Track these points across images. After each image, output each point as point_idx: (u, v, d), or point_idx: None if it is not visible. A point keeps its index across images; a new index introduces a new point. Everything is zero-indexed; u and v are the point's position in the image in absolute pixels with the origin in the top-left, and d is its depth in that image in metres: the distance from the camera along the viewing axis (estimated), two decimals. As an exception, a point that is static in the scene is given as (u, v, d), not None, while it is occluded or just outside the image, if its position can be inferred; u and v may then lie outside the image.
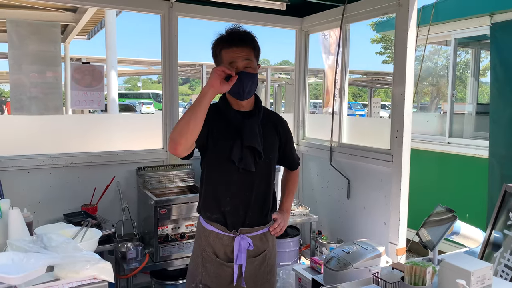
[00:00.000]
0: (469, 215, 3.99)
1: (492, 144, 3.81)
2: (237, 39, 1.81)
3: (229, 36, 1.83)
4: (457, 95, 4.95)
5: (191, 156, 1.86)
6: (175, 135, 1.70)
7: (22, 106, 3.08)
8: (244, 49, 1.80)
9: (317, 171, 3.91)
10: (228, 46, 1.80)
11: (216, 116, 1.89)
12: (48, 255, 1.51)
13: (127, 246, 2.92)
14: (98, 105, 3.39)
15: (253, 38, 1.85)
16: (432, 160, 4.67)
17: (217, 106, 1.93)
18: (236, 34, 1.83)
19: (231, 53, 1.80)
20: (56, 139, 3.45)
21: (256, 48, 1.86)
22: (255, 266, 1.94)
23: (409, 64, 2.88)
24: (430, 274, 1.59)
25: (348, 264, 2.33)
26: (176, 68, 3.42)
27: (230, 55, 1.80)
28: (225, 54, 1.81)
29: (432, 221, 2.35)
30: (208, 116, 1.80)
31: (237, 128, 1.86)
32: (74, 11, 6.12)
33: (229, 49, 1.80)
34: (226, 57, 1.81)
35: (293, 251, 3.52)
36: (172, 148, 1.73)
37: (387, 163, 3.04)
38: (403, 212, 2.96)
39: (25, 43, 3.04)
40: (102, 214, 3.13)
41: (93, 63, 3.49)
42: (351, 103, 26.78)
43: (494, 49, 3.82)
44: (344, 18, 3.44)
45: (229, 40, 1.81)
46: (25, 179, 3.00)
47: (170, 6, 3.31)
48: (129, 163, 3.32)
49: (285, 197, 2.18)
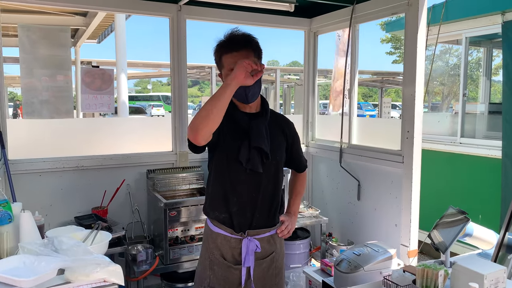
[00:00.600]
0: (482, 216, 3.94)
1: (505, 144, 3.75)
2: (237, 43, 1.79)
3: (227, 41, 1.81)
4: (469, 95, 4.89)
5: (203, 150, 1.82)
6: (196, 123, 1.65)
7: (33, 110, 3.11)
8: (244, 52, 1.78)
9: (327, 173, 3.89)
10: (228, 51, 1.79)
11: (225, 116, 1.89)
12: (59, 258, 1.52)
13: (137, 248, 2.93)
14: (108, 108, 3.41)
15: (252, 40, 1.83)
16: (443, 161, 4.62)
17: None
18: (234, 38, 1.81)
19: (231, 59, 1.78)
20: (67, 143, 3.48)
21: (256, 49, 1.84)
22: (263, 269, 1.93)
23: (419, 65, 2.85)
24: (442, 277, 1.57)
25: (359, 266, 2.32)
26: (185, 70, 3.44)
27: (230, 60, 1.78)
28: (226, 60, 1.80)
29: (444, 223, 2.32)
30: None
31: (244, 130, 1.85)
32: (84, 15, 6.18)
33: (228, 54, 1.79)
34: (226, 63, 1.80)
35: (303, 253, 3.51)
36: (192, 135, 1.67)
37: (398, 164, 3.01)
38: (415, 213, 2.92)
39: (36, 47, 3.07)
40: (112, 216, 3.15)
41: (103, 67, 3.52)
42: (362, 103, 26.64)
43: (507, 47, 3.76)
44: (353, 18, 3.42)
45: (228, 45, 1.80)
46: (37, 182, 3.03)
47: (178, 9, 3.32)
48: (139, 166, 3.34)
49: (293, 200, 2.16)
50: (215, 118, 1.64)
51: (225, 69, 1.82)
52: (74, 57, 8.95)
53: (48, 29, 3.18)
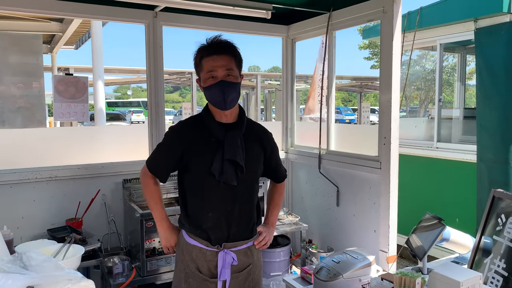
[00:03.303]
0: (459, 220, 3.99)
1: (479, 148, 3.82)
2: (218, 47, 1.80)
3: (209, 45, 1.82)
4: (444, 99, 4.97)
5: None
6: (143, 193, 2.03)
7: (4, 119, 3.02)
8: (225, 57, 1.79)
9: (306, 179, 3.89)
10: (209, 55, 1.79)
11: (197, 128, 1.87)
12: (27, 275, 1.46)
13: (113, 260, 2.86)
14: (82, 116, 3.33)
15: (233, 47, 1.84)
16: (421, 165, 4.68)
17: (200, 117, 1.91)
18: (216, 43, 1.82)
19: (211, 62, 1.78)
20: (40, 153, 3.38)
21: (237, 57, 1.84)
22: (239, 282, 1.90)
23: (395, 71, 2.88)
24: (419, 285, 1.57)
25: (338, 274, 2.30)
26: (162, 77, 3.39)
27: (210, 63, 1.78)
28: (205, 63, 1.79)
29: (421, 229, 2.33)
30: (183, 136, 1.84)
31: (218, 141, 1.82)
32: (60, 21, 6.06)
33: (209, 57, 1.79)
34: (206, 66, 1.79)
35: (283, 260, 3.49)
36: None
37: (375, 170, 3.03)
38: (393, 219, 2.94)
39: (6, 54, 2.98)
40: (87, 228, 3.07)
41: (79, 73, 3.44)
42: (341, 108, 26.93)
43: (479, 54, 3.85)
44: (330, 25, 3.44)
45: (210, 49, 1.80)
46: (8, 194, 2.93)
47: (154, 15, 3.28)
48: (114, 175, 3.27)
49: (271, 211, 2.13)
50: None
51: (203, 72, 1.81)
52: (51, 64, 8.78)
53: (19, 36, 3.11)
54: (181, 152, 1.83)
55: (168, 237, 1.98)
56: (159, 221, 1.98)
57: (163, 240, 2.01)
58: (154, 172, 1.93)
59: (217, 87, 1.77)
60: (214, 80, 1.78)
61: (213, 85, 1.78)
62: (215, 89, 1.77)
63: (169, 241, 1.98)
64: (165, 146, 1.92)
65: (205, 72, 1.79)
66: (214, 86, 1.78)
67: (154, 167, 1.93)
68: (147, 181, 1.96)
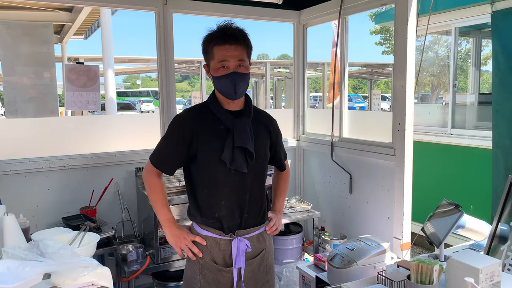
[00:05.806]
0: (473, 206, 3.95)
1: (495, 134, 3.75)
2: (231, 36, 1.74)
3: (222, 32, 1.75)
4: (458, 85, 4.89)
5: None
6: (147, 193, 1.97)
7: (16, 109, 3.03)
8: (238, 47, 1.74)
9: (319, 167, 3.86)
10: (221, 43, 1.74)
11: (204, 116, 1.83)
12: (44, 263, 1.47)
13: (127, 248, 2.88)
14: (94, 105, 3.33)
15: (246, 36, 1.79)
16: (435, 152, 4.62)
17: (206, 105, 1.87)
18: (230, 30, 1.76)
19: (224, 51, 1.73)
20: (53, 142, 3.40)
21: (249, 46, 1.80)
22: (254, 268, 1.89)
23: (410, 56, 2.82)
24: (437, 272, 1.55)
25: (352, 261, 2.29)
26: (172, 65, 3.37)
27: (223, 53, 1.73)
28: (217, 51, 1.74)
29: (437, 216, 2.30)
30: (191, 125, 1.79)
31: (227, 128, 1.79)
32: (69, 10, 6.05)
33: (221, 46, 1.74)
34: (218, 55, 1.74)
35: (296, 248, 3.49)
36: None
37: (389, 157, 2.99)
38: (407, 206, 2.91)
39: (17, 44, 2.98)
40: (101, 216, 3.09)
41: (89, 63, 3.43)
42: (351, 95, 26.68)
43: (496, 37, 3.75)
44: (342, 10, 3.37)
45: (222, 37, 1.74)
46: (22, 183, 2.96)
47: (164, 2, 3.25)
48: (127, 164, 3.28)
49: (277, 198, 2.12)
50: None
51: (214, 61, 1.76)
52: (61, 54, 8.80)
53: (30, 26, 3.10)
54: (190, 140, 1.78)
55: (178, 235, 1.85)
56: (165, 222, 1.87)
57: (174, 240, 1.86)
58: (161, 165, 1.86)
59: (229, 78, 1.73)
60: (226, 71, 1.74)
61: (224, 76, 1.74)
62: (227, 80, 1.74)
63: (184, 238, 1.85)
64: (172, 136, 1.85)
65: (217, 62, 1.75)
66: (225, 77, 1.74)
67: (160, 160, 1.86)
68: (152, 180, 1.88)
